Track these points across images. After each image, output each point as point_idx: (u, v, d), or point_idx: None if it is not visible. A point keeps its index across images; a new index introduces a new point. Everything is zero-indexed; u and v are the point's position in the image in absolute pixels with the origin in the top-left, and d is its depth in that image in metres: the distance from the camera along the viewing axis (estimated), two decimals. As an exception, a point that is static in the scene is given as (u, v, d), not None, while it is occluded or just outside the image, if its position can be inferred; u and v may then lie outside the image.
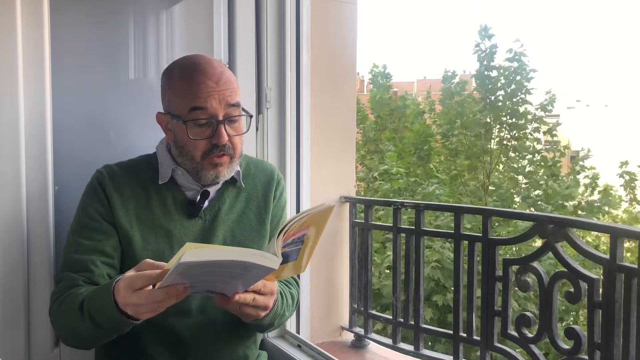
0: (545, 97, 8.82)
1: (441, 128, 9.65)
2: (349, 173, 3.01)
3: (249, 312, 1.03)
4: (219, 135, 1.14)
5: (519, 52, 8.80)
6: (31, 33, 1.32)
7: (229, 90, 1.15)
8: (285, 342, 1.72)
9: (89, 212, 1.16)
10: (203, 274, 0.90)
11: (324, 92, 2.75)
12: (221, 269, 0.88)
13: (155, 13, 1.70)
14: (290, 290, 1.27)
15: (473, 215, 5.93)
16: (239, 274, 0.91)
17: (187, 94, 1.13)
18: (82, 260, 1.12)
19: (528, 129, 8.70)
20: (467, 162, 9.08)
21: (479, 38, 9.13)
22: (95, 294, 1.02)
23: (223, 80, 1.15)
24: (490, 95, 8.95)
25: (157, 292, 0.90)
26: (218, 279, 0.93)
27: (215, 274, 0.90)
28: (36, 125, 1.34)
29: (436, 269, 6.39)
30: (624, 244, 1.97)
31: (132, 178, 1.21)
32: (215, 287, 0.97)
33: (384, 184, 8.53)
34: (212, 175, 1.17)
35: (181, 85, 1.15)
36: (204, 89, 1.12)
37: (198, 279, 0.91)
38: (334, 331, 2.95)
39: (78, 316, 1.02)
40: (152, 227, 1.17)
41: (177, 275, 0.86)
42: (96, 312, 0.99)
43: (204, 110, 1.13)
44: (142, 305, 0.92)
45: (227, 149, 1.16)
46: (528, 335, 2.18)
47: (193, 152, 1.15)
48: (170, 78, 1.18)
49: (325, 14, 2.77)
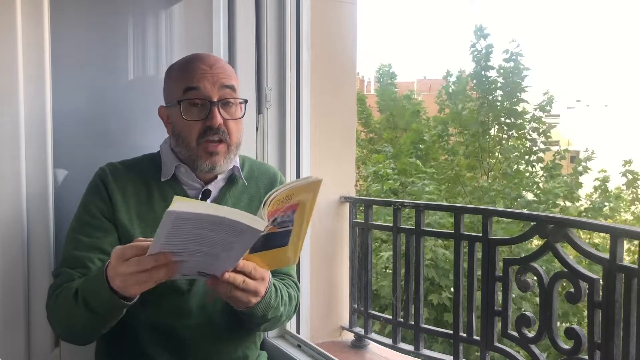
0: (543, 98, 8.81)
1: (439, 129, 9.65)
2: (349, 173, 3.01)
3: (239, 296, 1.01)
4: (213, 117, 1.15)
5: (516, 53, 8.80)
6: (31, 33, 1.32)
7: (223, 73, 1.18)
8: (285, 342, 1.72)
9: (90, 209, 1.16)
10: (190, 239, 0.87)
11: (324, 92, 2.75)
12: (209, 232, 0.86)
13: (155, 13, 1.70)
14: (288, 290, 1.25)
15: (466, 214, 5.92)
16: (227, 242, 0.89)
17: (181, 77, 1.18)
18: (80, 257, 1.12)
19: (526, 129, 8.69)
20: (466, 162, 9.07)
21: (475, 38, 9.14)
22: (88, 278, 1.02)
23: (218, 65, 1.18)
24: (487, 95, 8.95)
25: (145, 259, 0.89)
26: (206, 252, 0.91)
27: (203, 239, 0.88)
28: (36, 125, 1.34)
29: (430, 267, 6.38)
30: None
31: (134, 175, 1.21)
32: (205, 267, 0.95)
33: (373, 185, 8.55)
34: (208, 165, 1.17)
35: (178, 72, 1.20)
36: (198, 70, 1.16)
37: (186, 247, 0.89)
38: (334, 331, 2.95)
39: (73, 304, 1.01)
40: (153, 224, 1.17)
41: (165, 237, 0.85)
42: (90, 295, 0.99)
43: (197, 90, 1.15)
44: (130, 275, 0.90)
45: (222, 134, 1.16)
46: (528, 335, 2.18)
47: (188, 138, 1.16)
48: (171, 70, 1.24)
49: (325, 14, 2.77)
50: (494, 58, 9.07)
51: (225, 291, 0.99)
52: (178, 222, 0.84)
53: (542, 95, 8.87)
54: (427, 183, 8.10)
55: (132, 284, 0.92)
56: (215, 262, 0.94)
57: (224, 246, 0.90)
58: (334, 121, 2.86)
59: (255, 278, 1.00)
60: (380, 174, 8.38)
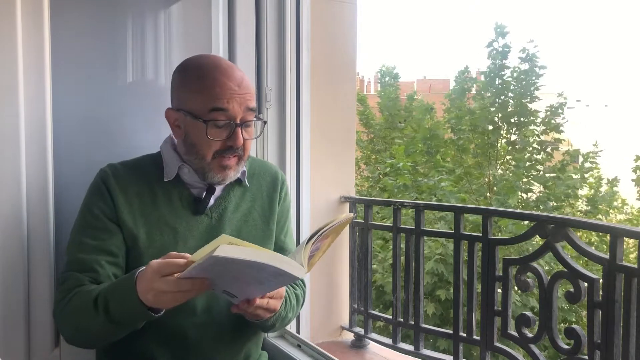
0: (556, 101, 8.77)
1: (451, 125, 9.57)
2: (349, 173, 3.01)
3: (260, 313, 1.05)
4: (236, 138, 1.14)
5: (531, 54, 8.76)
6: (31, 33, 1.32)
7: (249, 94, 1.17)
8: (285, 342, 1.72)
9: (93, 211, 1.16)
10: (228, 272, 0.90)
11: (324, 92, 2.75)
12: (249, 270, 0.88)
13: (155, 13, 1.70)
14: (296, 291, 1.28)
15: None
16: (265, 279, 0.92)
17: (208, 93, 1.13)
18: (88, 260, 1.12)
19: (537, 130, 8.65)
20: (474, 160, 9.05)
21: (494, 36, 9.07)
22: (115, 287, 1.03)
23: (244, 84, 1.16)
24: (499, 95, 8.92)
25: (185, 281, 0.91)
26: (240, 281, 0.94)
27: (240, 274, 0.91)
28: (36, 125, 1.34)
29: (439, 262, 6.36)
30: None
31: (136, 176, 1.21)
32: (233, 288, 0.98)
33: (389, 179, 8.50)
34: (220, 178, 1.18)
35: (201, 84, 1.14)
36: (227, 90, 1.13)
37: (221, 276, 0.91)
38: (334, 331, 2.95)
39: (91, 311, 1.02)
40: (158, 224, 1.17)
41: (204, 268, 0.87)
42: (115, 304, 1.00)
43: (224, 111, 1.13)
44: (167, 292, 0.93)
45: (239, 151, 1.17)
46: (528, 335, 2.18)
47: (205, 152, 1.16)
48: (187, 76, 1.18)
49: (325, 14, 2.77)
50: (509, 57, 9.04)
51: (252, 311, 1.03)
52: (220, 263, 0.85)
53: (557, 96, 8.83)
54: (444, 178, 8.07)
55: (166, 300, 0.94)
56: (246, 289, 0.97)
57: (260, 281, 0.93)
58: (333, 121, 2.86)
59: (276, 298, 1.06)
60: (399, 166, 8.32)
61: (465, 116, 9.11)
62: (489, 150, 8.83)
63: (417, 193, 8.07)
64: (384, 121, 11.96)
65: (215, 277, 0.91)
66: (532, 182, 8.19)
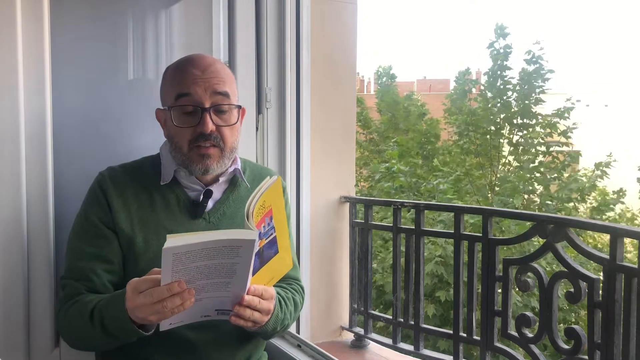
0: (563, 105, 8.73)
1: (457, 128, 9.54)
2: (349, 173, 3.01)
3: (257, 317, 1.05)
4: (204, 123, 1.13)
5: (537, 56, 8.73)
6: (31, 33, 1.32)
7: (215, 78, 1.15)
8: (285, 342, 1.71)
9: (90, 217, 1.16)
10: (196, 270, 0.90)
11: (324, 92, 2.76)
12: (209, 260, 0.89)
13: (155, 13, 1.70)
14: (294, 296, 1.26)
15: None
16: (231, 265, 0.92)
17: (174, 82, 1.16)
18: (84, 269, 1.12)
19: (542, 132, 8.61)
20: (475, 160, 9.04)
21: (495, 36, 9.04)
22: (108, 303, 1.03)
23: (211, 69, 1.16)
24: (502, 95, 8.90)
25: (159, 289, 0.91)
26: (215, 283, 0.94)
27: (206, 270, 0.91)
28: (36, 125, 1.34)
29: (439, 264, 6.36)
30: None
31: (134, 179, 1.20)
32: (221, 302, 0.99)
33: (384, 182, 8.51)
34: (201, 168, 1.16)
35: (171, 76, 1.19)
36: (189, 75, 1.15)
37: (193, 276, 0.91)
38: (334, 331, 2.95)
39: (88, 325, 1.04)
40: (155, 228, 1.17)
41: (168, 270, 0.88)
42: (109, 320, 1.01)
43: (188, 96, 1.14)
44: (146, 305, 0.93)
45: (215, 139, 1.15)
46: (528, 335, 2.18)
47: (181, 142, 1.16)
48: (165, 74, 1.22)
49: (325, 14, 2.77)
50: (511, 58, 9.01)
51: (249, 315, 1.03)
52: (177, 256, 0.87)
53: (565, 100, 8.79)
54: (442, 181, 8.06)
55: (149, 314, 0.94)
56: (227, 292, 0.97)
57: (228, 270, 0.93)
58: (334, 121, 2.86)
59: (266, 298, 1.05)
60: (394, 170, 8.33)
61: (467, 116, 9.10)
62: (491, 151, 8.82)
63: (415, 196, 8.07)
64: (386, 121, 11.98)
65: (188, 279, 0.91)
66: (535, 183, 8.17)
